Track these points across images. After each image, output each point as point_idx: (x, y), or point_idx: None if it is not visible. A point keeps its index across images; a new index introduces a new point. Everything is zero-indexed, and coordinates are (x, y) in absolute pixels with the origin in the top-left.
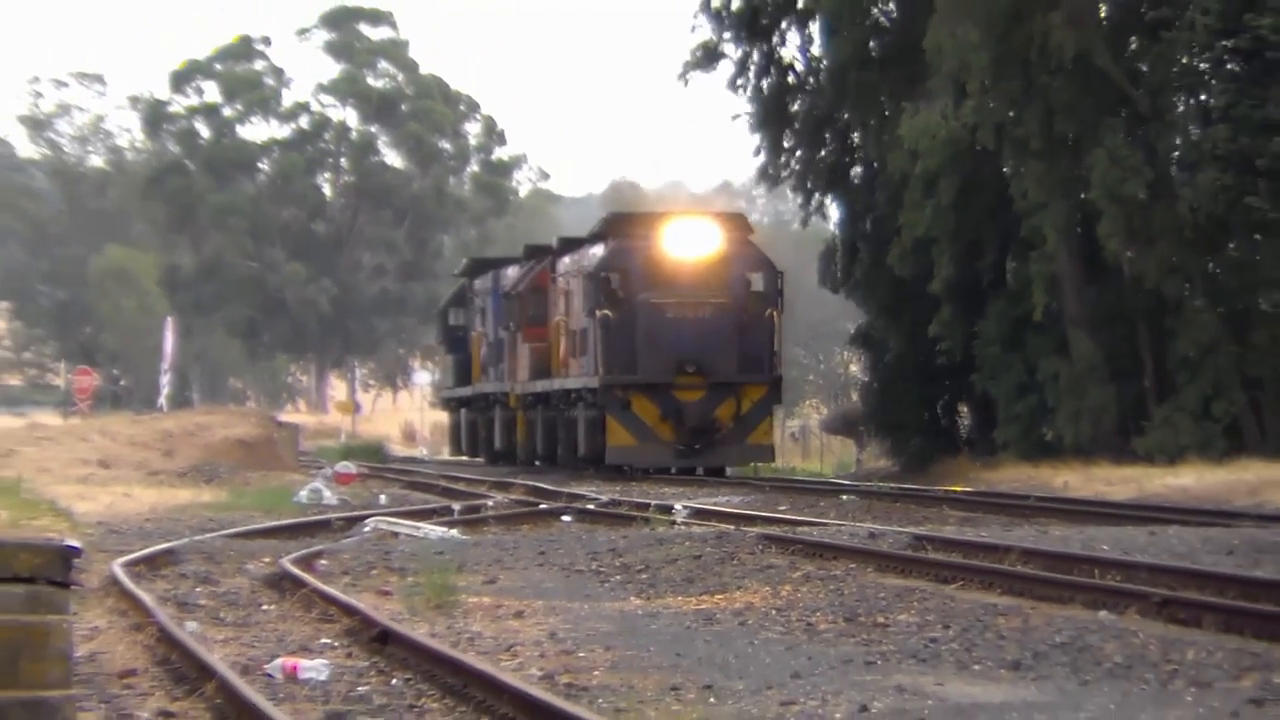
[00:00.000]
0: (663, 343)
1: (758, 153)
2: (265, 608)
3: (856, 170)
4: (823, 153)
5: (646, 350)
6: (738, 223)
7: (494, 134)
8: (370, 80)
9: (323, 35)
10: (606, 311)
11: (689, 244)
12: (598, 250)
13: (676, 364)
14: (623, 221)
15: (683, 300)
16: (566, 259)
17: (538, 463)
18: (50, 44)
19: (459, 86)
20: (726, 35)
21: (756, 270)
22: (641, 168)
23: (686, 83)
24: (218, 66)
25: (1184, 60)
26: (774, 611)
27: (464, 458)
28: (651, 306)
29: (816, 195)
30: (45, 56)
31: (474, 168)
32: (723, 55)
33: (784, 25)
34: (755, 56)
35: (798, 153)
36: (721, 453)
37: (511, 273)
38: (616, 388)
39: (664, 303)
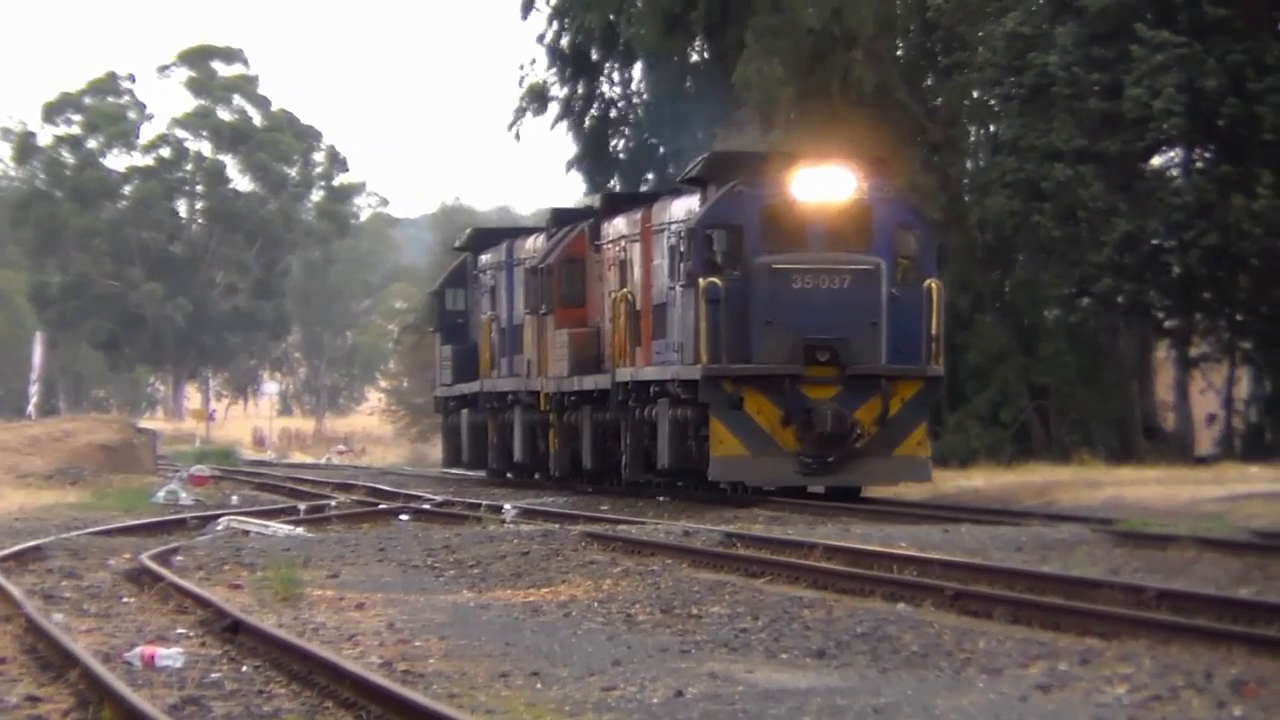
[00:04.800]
0: (787, 321)
1: (586, 184)
2: (125, 600)
3: None
4: (644, 188)
5: (764, 331)
6: (882, 168)
7: (337, 162)
8: (223, 114)
9: (182, 72)
10: (713, 280)
11: (820, 192)
12: (692, 202)
13: (805, 350)
14: (730, 164)
15: (814, 266)
16: (620, 220)
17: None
18: None
19: (305, 118)
20: (553, 76)
21: (909, 228)
22: (473, 191)
23: (518, 136)
24: (86, 100)
25: (975, 94)
26: (596, 604)
27: (464, 471)
28: (772, 273)
29: None
30: None
31: (319, 193)
32: (551, 98)
33: (608, 63)
34: (580, 93)
35: (614, 184)
36: (861, 468)
37: (533, 243)
38: (725, 380)
39: (789, 268)
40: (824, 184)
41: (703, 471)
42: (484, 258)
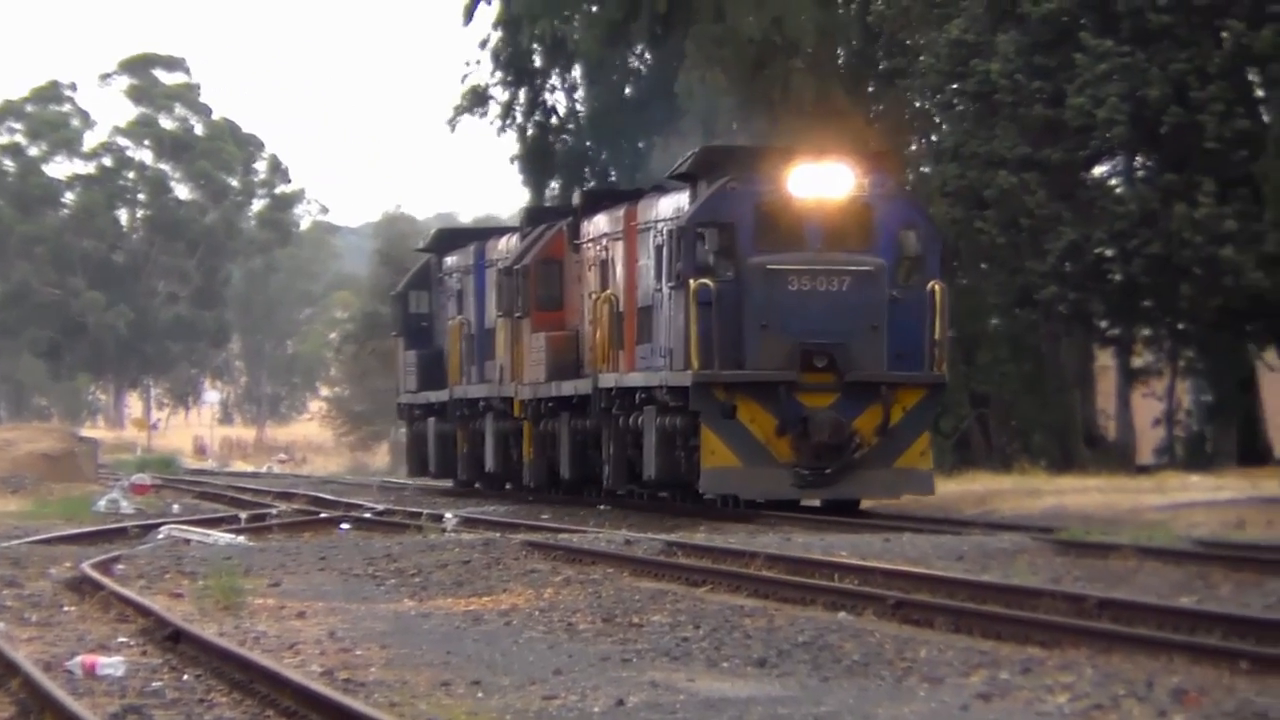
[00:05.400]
0: (783, 325)
1: (525, 184)
2: (66, 609)
3: None
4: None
5: (759, 335)
6: (884, 163)
7: (278, 171)
8: (165, 122)
9: (124, 80)
10: (705, 281)
11: (818, 189)
12: (681, 199)
13: (801, 355)
14: (722, 159)
15: (811, 266)
16: (601, 218)
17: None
18: None
19: (246, 126)
20: (494, 79)
21: (910, 226)
22: (414, 199)
23: (454, 128)
24: (28, 108)
25: (917, 104)
26: (537, 612)
27: (430, 481)
28: (767, 274)
29: None
30: None
31: (260, 202)
32: (491, 99)
33: (550, 70)
34: (521, 99)
35: (554, 187)
36: (860, 480)
37: (506, 244)
38: (717, 387)
39: (785, 269)
40: (822, 180)
41: (691, 483)
42: (450, 260)
